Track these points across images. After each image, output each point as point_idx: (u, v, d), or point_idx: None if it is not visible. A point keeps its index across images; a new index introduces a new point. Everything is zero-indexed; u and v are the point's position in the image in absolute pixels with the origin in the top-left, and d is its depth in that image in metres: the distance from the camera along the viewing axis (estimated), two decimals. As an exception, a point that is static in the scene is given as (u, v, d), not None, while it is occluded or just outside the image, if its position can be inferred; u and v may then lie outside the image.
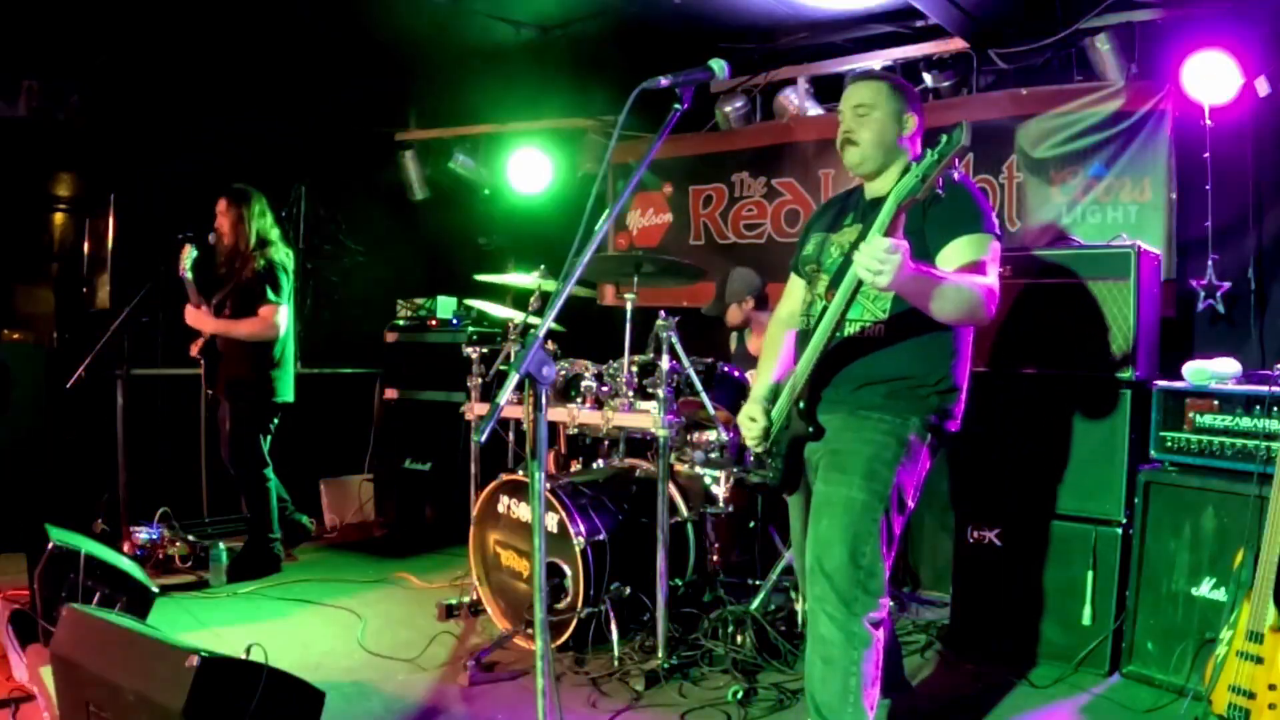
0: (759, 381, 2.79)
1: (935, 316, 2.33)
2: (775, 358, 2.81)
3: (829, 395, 2.55)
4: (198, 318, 4.66)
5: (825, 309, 2.44)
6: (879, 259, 2.08)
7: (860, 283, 2.24)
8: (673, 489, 3.76)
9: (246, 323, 4.57)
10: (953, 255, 2.42)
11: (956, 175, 2.46)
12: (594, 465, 4.36)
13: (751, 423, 2.65)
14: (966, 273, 2.37)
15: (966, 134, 2.04)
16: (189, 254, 4.62)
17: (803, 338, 2.62)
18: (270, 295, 4.53)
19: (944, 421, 2.56)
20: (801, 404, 2.54)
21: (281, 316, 4.59)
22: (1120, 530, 3.42)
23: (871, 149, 2.57)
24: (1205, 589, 3.16)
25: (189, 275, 4.63)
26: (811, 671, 2.41)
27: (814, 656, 2.39)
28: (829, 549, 2.38)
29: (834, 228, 2.69)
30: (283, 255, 4.67)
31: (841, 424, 2.52)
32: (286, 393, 4.75)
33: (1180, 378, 3.31)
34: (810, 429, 2.53)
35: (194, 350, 4.79)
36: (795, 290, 2.84)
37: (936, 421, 2.54)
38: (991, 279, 2.40)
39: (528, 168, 6.04)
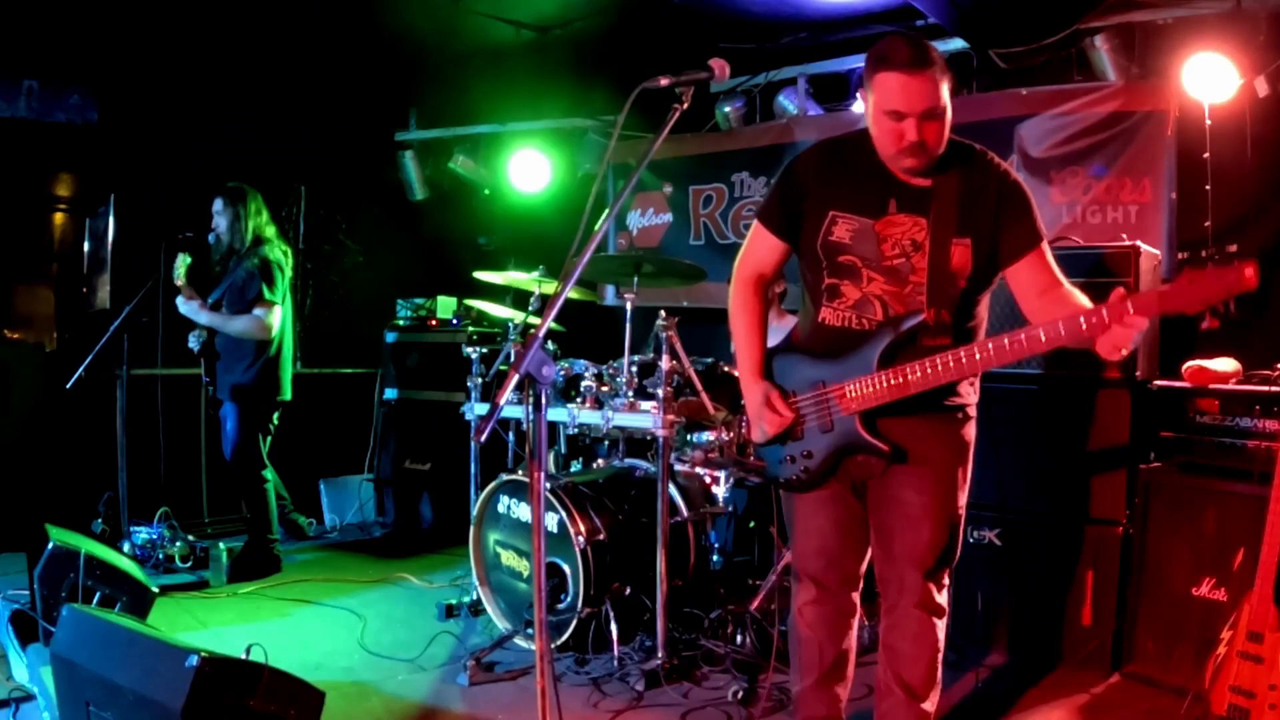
0: (751, 354, 2.46)
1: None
2: (761, 325, 2.50)
3: (898, 402, 2.28)
4: (192, 308, 4.58)
5: (913, 319, 2.25)
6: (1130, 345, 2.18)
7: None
8: (673, 489, 3.76)
9: (240, 319, 4.54)
10: (1049, 260, 2.32)
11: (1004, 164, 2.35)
12: (594, 465, 4.37)
13: (777, 416, 2.36)
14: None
15: None
16: (182, 261, 4.56)
17: (838, 334, 2.36)
18: (265, 294, 4.51)
19: None
20: (861, 418, 2.29)
21: (275, 316, 4.57)
22: (1120, 530, 3.41)
23: (939, 149, 2.24)
24: (1205, 589, 3.16)
25: (183, 282, 4.56)
26: (900, 658, 2.43)
27: (907, 648, 2.42)
28: (937, 556, 2.40)
29: (864, 210, 2.32)
30: (279, 254, 4.65)
31: (920, 425, 2.33)
32: (285, 391, 4.74)
33: (1180, 378, 3.31)
34: (889, 450, 2.28)
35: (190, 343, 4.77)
36: (771, 253, 2.48)
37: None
38: None
39: (528, 168, 6.04)
